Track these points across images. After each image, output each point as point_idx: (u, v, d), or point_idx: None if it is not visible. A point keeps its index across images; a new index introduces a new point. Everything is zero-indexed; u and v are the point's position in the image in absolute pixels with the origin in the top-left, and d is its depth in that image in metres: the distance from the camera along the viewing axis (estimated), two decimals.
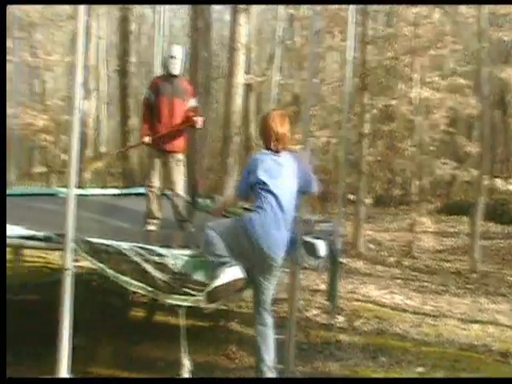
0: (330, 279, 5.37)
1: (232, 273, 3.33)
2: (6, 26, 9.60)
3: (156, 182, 4.65)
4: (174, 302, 3.50)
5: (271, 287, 3.62)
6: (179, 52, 4.69)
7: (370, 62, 10.00)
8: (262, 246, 3.35)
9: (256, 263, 3.50)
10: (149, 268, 3.38)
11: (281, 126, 3.60)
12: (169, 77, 4.69)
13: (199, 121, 4.59)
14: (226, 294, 3.35)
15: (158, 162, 4.65)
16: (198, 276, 3.54)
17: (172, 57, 4.65)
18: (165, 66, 4.72)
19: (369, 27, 9.99)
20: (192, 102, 4.78)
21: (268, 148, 3.62)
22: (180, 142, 4.67)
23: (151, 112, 4.69)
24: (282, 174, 3.50)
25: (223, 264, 3.36)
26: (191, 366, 3.58)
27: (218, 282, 3.30)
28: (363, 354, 4.69)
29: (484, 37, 8.72)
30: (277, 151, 3.59)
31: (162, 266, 3.43)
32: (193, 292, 3.52)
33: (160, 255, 3.43)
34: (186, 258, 3.57)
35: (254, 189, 3.53)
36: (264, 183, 3.44)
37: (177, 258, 3.50)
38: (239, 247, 3.42)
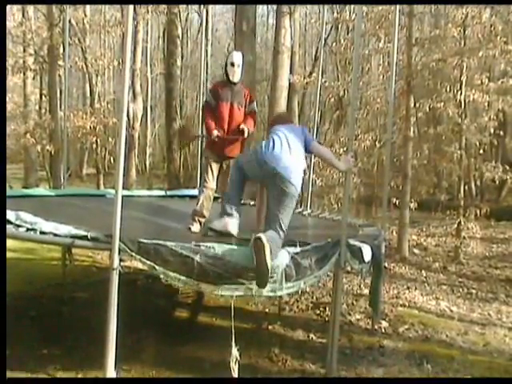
0: (373, 284, 5.29)
1: (223, 223, 4.06)
2: (63, 31, 9.93)
3: (212, 183, 4.75)
4: (225, 293, 3.50)
5: (283, 212, 3.80)
6: (239, 59, 4.75)
7: (416, 64, 9.82)
8: (271, 164, 3.79)
9: (267, 184, 3.95)
10: (197, 258, 3.40)
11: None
12: (228, 83, 4.75)
13: (245, 130, 4.68)
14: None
15: (215, 166, 4.75)
16: (248, 263, 3.50)
17: (233, 64, 4.71)
18: (225, 72, 4.78)
19: (415, 29, 9.80)
20: (251, 107, 4.85)
21: None
22: (238, 146, 4.79)
23: (213, 115, 4.77)
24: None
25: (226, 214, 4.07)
26: (239, 357, 3.55)
27: (214, 227, 4.11)
28: (408, 361, 4.61)
29: None
30: None
31: (211, 256, 3.45)
32: (243, 280, 3.51)
33: (208, 247, 3.48)
34: (235, 246, 3.60)
35: None
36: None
37: (225, 247, 3.53)
38: (253, 170, 3.98)
